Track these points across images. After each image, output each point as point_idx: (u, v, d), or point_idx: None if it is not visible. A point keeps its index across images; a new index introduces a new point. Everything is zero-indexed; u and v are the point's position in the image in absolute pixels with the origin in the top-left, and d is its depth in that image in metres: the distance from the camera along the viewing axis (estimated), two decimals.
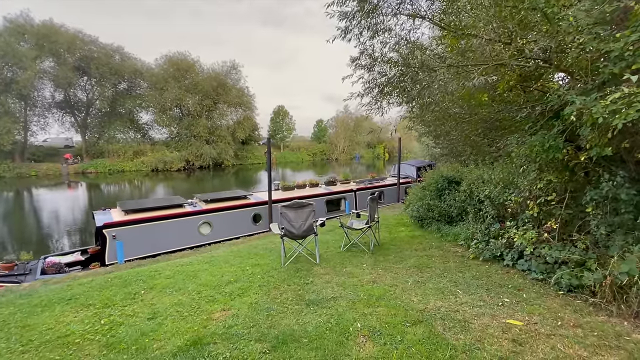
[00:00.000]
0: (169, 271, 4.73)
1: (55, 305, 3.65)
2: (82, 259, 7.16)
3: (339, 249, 5.54)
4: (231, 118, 36.68)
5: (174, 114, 33.69)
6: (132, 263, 6.38)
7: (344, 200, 10.79)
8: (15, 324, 3.23)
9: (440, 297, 3.45)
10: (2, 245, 10.76)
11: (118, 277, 4.63)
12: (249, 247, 6.26)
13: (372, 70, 5.16)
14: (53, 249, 9.92)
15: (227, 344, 2.68)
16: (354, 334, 2.75)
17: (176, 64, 32.56)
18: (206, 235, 7.94)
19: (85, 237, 11.16)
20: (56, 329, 3.09)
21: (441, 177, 6.94)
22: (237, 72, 36.29)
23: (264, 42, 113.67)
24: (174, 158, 31.12)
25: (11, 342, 2.88)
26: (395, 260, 4.82)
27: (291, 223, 4.77)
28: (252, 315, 3.17)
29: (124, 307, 3.52)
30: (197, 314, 3.27)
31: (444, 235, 6.05)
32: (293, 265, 4.69)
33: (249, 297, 3.62)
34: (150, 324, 3.09)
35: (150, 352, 2.63)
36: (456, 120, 6.23)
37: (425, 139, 14.63)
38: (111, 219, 6.88)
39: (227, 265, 4.87)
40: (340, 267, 4.56)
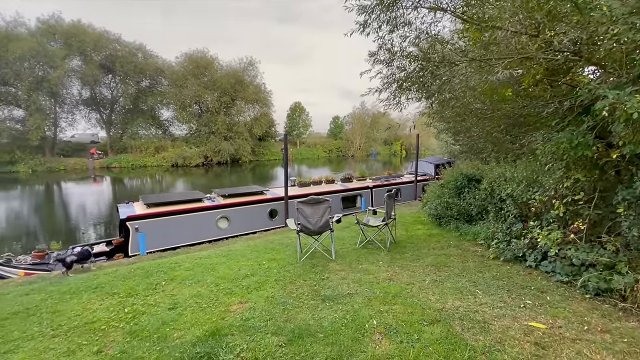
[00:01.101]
0: (188, 263, 4.85)
1: (83, 293, 3.82)
2: (107, 250, 7.46)
3: (354, 245, 5.52)
4: (248, 114, 37.10)
5: (194, 111, 34.39)
6: (154, 255, 6.60)
7: (360, 197, 10.72)
8: (46, 310, 3.41)
9: (459, 297, 3.38)
10: (34, 236, 11.37)
11: (140, 268, 4.79)
12: (266, 242, 6.33)
13: (390, 65, 5.07)
14: (80, 240, 10.39)
15: (244, 336, 2.73)
16: (370, 331, 2.74)
17: (195, 61, 33.16)
18: (224, 230, 8.10)
19: (110, 229, 11.63)
20: (83, 315, 3.24)
21: (460, 175, 6.78)
22: (254, 69, 36.61)
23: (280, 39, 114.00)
24: (193, 154, 31.81)
25: (43, 326, 3.04)
26: (412, 259, 4.76)
27: (307, 219, 4.78)
28: (268, 308, 3.22)
29: (146, 297, 3.65)
30: (215, 305, 3.34)
31: (463, 234, 5.91)
32: (309, 260, 4.71)
33: (265, 290, 3.67)
34: (170, 314, 3.18)
35: (171, 341, 2.71)
36: (477, 116, 6.03)
37: (444, 135, 14.31)
38: (134, 212, 7.13)
39: (244, 259, 4.95)
40: (356, 264, 4.54)
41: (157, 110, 34.11)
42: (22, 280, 5.08)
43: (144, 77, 31.96)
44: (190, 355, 2.45)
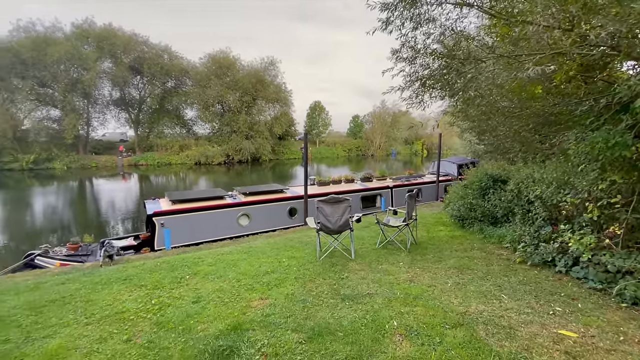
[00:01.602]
0: (211, 259, 4.99)
1: (113, 284, 4.02)
2: (135, 244, 7.79)
3: (374, 245, 5.47)
4: (269, 114, 37.59)
5: (216, 110, 35.23)
6: (178, 249, 6.83)
7: (379, 196, 10.62)
8: (80, 299, 3.61)
9: (483, 301, 3.28)
10: (68, 229, 12.06)
11: (166, 262, 4.97)
12: (285, 239, 6.40)
13: (413, 62, 4.97)
14: (110, 234, 10.92)
15: (265, 331, 2.78)
16: (390, 332, 2.71)
17: (218, 61, 33.95)
18: (244, 227, 8.26)
19: (137, 223, 12.13)
20: (114, 305, 3.41)
21: (485, 175, 6.56)
22: (274, 68, 37.05)
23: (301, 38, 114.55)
24: (215, 152, 32.60)
25: (77, 314, 3.22)
26: (434, 260, 4.66)
27: (327, 218, 4.79)
28: (288, 305, 3.25)
29: (172, 290, 3.78)
30: (237, 300, 3.42)
31: (487, 236, 5.73)
32: (328, 259, 4.72)
33: (285, 288, 3.72)
34: (194, 307, 3.29)
35: (195, 333, 2.80)
36: (504, 114, 5.82)
37: (467, 135, 13.90)
38: (160, 208, 7.40)
39: (265, 256, 5.02)
40: (376, 264, 4.50)
41: (181, 110, 35.24)
42: (58, 271, 5.40)
43: (169, 78, 33.07)
44: (214, 348, 2.52)
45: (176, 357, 2.47)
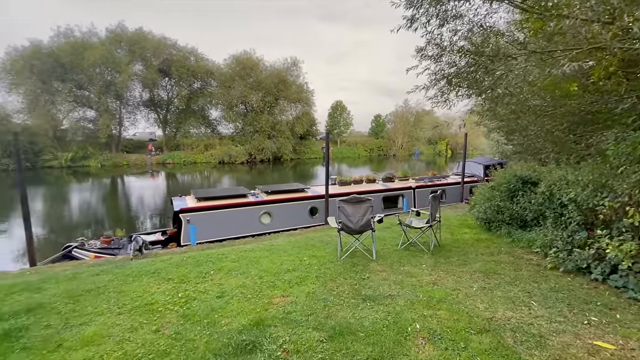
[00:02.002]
0: (234, 255, 5.11)
1: (143, 277, 4.20)
2: (162, 239, 8.11)
3: (396, 247, 5.40)
4: (290, 113, 37.92)
5: (240, 110, 35.98)
6: (203, 246, 7.04)
7: (401, 197, 10.45)
8: (113, 289, 3.81)
9: (511, 307, 3.16)
10: (101, 223, 12.74)
11: (191, 257, 5.14)
12: (306, 238, 6.44)
13: (439, 60, 4.87)
14: (139, 229, 11.43)
15: (287, 328, 2.82)
16: (413, 335, 2.67)
17: (242, 62, 34.63)
18: (266, 225, 8.38)
19: (164, 219, 12.62)
20: (144, 297, 3.57)
21: (514, 177, 6.30)
22: (297, 69, 37.32)
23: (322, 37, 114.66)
24: (239, 152, 33.30)
25: (110, 304, 3.40)
26: (458, 263, 4.53)
27: (349, 217, 4.78)
28: (309, 304, 3.28)
29: (197, 284, 3.91)
30: (259, 297, 3.48)
31: (516, 240, 5.50)
32: (349, 259, 4.71)
33: (306, 286, 3.74)
34: (219, 302, 3.38)
35: (219, 326, 2.88)
36: (536, 113, 5.57)
37: (495, 135, 13.40)
38: (186, 205, 7.66)
39: (286, 254, 5.08)
40: (398, 266, 4.44)
41: (206, 110, 36.28)
42: (92, 262, 5.72)
43: (195, 79, 34.14)
44: (237, 342, 2.59)
45: (202, 349, 2.55)
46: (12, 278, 4.69)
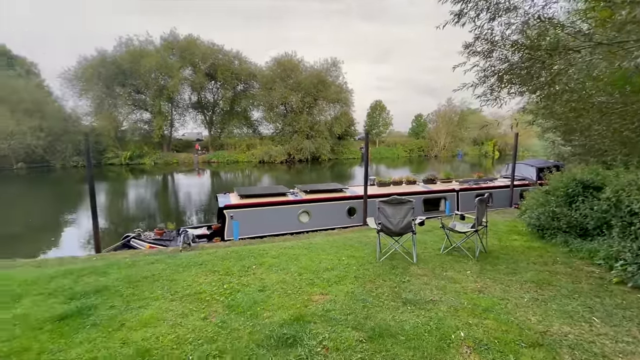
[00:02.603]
0: (274, 252, 5.27)
1: (192, 268, 4.50)
2: (208, 233, 8.60)
3: (438, 251, 5.21)
4: (329, 114, 38.09)
5: (280, 111, 36.93)
6: (244, 241, 7.35)
7: (444, 200, 10.04)
8: (166, 278, 4.12)
9: (568, 322, 2.91)
10: (153, 216, 13.82)
11: (234, 251, 5.40)
12: (344, 238, 6.45)
13: (489, 56, 4.60)
14: (186, 222, 12.22)
15: (326, 325, 2.85)
16: (457, 342, 2.57)
17: (283, 64, 35.47)
18: (304, 224, 8.52)
19: (208, 215, 13.36)
20: (193, 286, 3.82)
21: (573, 181, 5.76)
22: (336, 69, 37.37)
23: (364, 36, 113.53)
24: (278, 151, 34.19)
25: (164, 290, 3.69)
26: (507, 272, 4.26)
27: (389, 219, 4.70)
28: (348, 303, 3.29)
29: (240, 277, 4.10)
30: (298, 293, 3.57)
31: (574, 250, 5.03)
32: (388, 261, 4.64)
33: (345, 285, 3.76)
34: (260, 295, 3.52)
35: (262, 319, 3.00)
36: (601, 111, 5.05)
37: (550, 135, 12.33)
38: (230, 202, 8.04)
39: (325, 253, 5.13)
40: (440, 271, 4.29)
41: (249, 112, 37.75)
42: (147, 252, 6.23)
43: (239, 81, 35.67)
44: (278, 335, 2.68)
45: (245, 339, 2.68)
46: (81, 262, 5.28)
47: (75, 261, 5.56)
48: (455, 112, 44.73)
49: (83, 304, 3.30)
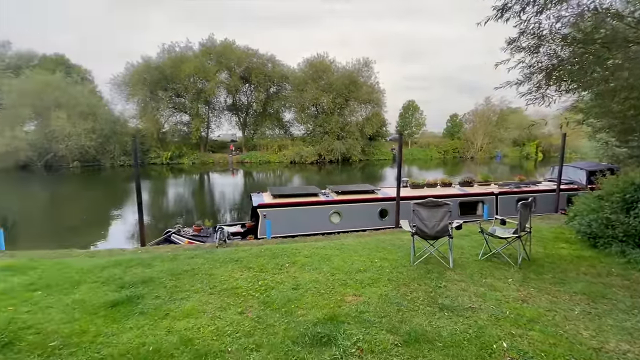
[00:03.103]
0: (306, 251, 5.33)
1: (228, 264, 4.67)
2: (242, 231, 8.88)
3: (476, 257, 4.98)
4: (360, 114, 37.83)
5: (311, 112, 37.28)
6: (277, 240, 7.50)
7: (481, 204, 9.58)
8: (204, 272, 4.32)
9: (627, 339, 2.66)
10: (190, 213, 14.52)
11: (268, 249, 5.53)
12: (376, 240, 6.37)
13: (536, 52, 4.33)
14: (220, 220, 12.71)
15: (360, 327, 2.84)
16: (499, 353, 2.45)
17: (315, 66, 35.75)
18: (335, 224, 8.53)
19: (240, 213, 13.80)
20: (229, 281, 3.97)
21: (631, 185, 5.26)
22: (368, 69, 37.02)
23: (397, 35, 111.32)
24: (309, 152, 34.53)
25: (204, 284, 3.87)
26: (554, 282, 3.98)
27: (424, 222, 4.58)
28: (382, 306, 3.25)
29: (274, 275, 4.19)
30: (331, 293, 3.58)
31: (633, 261, 4.59)
32: (423, 265, 4.52)
33: (378, 288, 3.72)
34: (294, 293, 3.58)
35: (296, 317, 3.05)
36: None
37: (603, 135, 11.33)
38: (263, 201, 8.26)
39: (357, 254, 5.10)
40: (479, 277, 4.10)
41: (280, 113, 38.52)
42: (186, 247, 6.56)
43: (272, 84, 36.52)
44: (313, 333, 2.71)
45: (280, 335, 2.74)
46: (129, 254, 5.68)
47: (123, 253, 5.99)
48: (494, 112, 42.57)
49: (132, 292, 3.55)
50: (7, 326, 2.85)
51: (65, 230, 11.62)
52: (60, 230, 11.58)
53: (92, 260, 5.24)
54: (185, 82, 32.35)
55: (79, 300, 3.39)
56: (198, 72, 32.11)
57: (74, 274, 4.22)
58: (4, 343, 2.58)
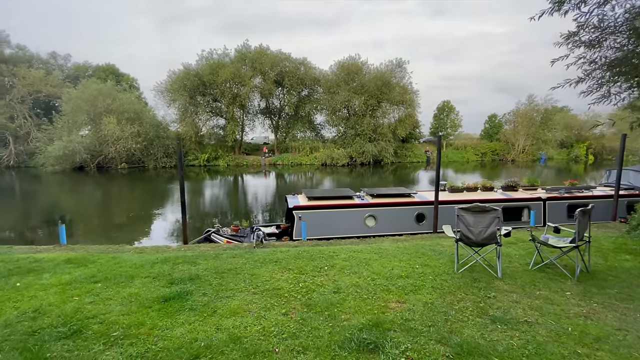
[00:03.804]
0: (344, 255, 5.29)
1: (268, 264, 4.76)
2: (277, 232, 9.04)
3: (526, 266, 4.67)
4: (393, 116, 37.18)
5: (342, 114, 37.23)
6: (312, 242, 7.53)
7: (527, 210, 8.99)
8: (246, 272, 4.43)
9: None
10: (225, 214, 15.02)
11: (306, 251, 5.56)
12: (415, 245, 6.18)
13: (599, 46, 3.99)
14: (254, 221, 13.02)
15: (407, 335, 2.76)
16: None
17: (347, 68, 35.69)
18: (370, 228, 8.41)
19: (272, 214, 14.05)
20: (271, 282, 4.03)
21: None
22: (401, 70, 36.32)
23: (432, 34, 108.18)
24: (340, 154, 34.47)
25: (247, 284, 3.97)
26: (620, 297, 3.62)
27: (469, 228, 4.37)
28: (428, 314, 3.13)
29: (314, 277, 4.20)
30: (374, 299, 3.52)
31: None
32: (468, 273, 4.31)
33: (422, 295, 3.59)
34: (336, 297, 3.55)
35: (339, 321, 3.03)
36: None
37: None
38: (298, 203, 8.34)
39: (396, 260, 4.98)
40: (531, 289, 3.83)
41: (312, 115, 38.84)
42: (226, 246, 6.78)
43: (304, 87, 36.96)
44: (359, 339, 2.67)
45: (326, 338, 2.72)
46: (174, 252, 5.97)
47: (169, 250, 6.31)
48: (537, 111, 39.97)
49: (181, 289, 3.72)
50: (74, 314, 3.11)
51: (113, 226, 12.52)
52: (109, 227, 12.48)
53: (142, 256, 5.57)
54: (222, 87, 33.66)
55: (135, 294, 3.62)
56: (234, 77, 33.26)
57: (128, 269, 4.51)
58: (73, 331, 2.80)
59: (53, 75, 34.63)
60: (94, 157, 29.98)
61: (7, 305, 3.35)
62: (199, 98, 34.58)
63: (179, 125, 35.19)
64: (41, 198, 19.53)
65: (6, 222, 13.42)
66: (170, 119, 35.39)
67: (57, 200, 18.99)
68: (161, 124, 34.22)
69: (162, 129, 33.56)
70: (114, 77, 37.27)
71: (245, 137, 39.22)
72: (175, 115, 35.11)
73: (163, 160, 32.24)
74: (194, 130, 34.29)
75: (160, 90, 34.45)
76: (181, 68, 34.29)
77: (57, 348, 2.58)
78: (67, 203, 17.86)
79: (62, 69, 38.97)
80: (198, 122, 35.78)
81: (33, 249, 6.34)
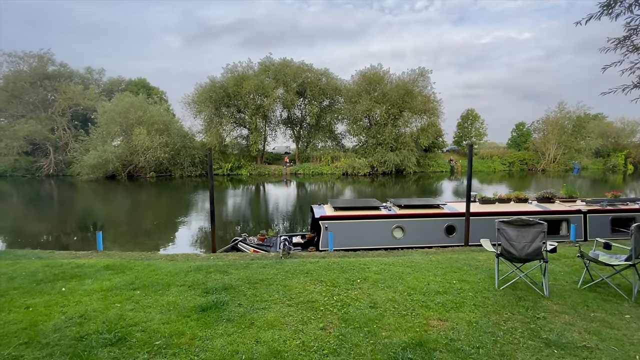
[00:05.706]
0: (375, 267, 5.16)
1: (299, 275, 4.71)
2: (302, 242, 9.00)
3: (574, 284, 4.36)
4: (415, 125, 36.71)
5: (363, 124, 37.18)
6: (339, 253, 7.40)
7: (566, 223, 8.49)
8: (279, 283, 4.39)
9: None
10: (247, 223, 15.17)
11: (335, 263, 5.48)
12: (448, 259, 5.95)
13: None
14: (277, 229, 13.06)
15: (454, 357, 2.61)
16: None
17: (368, 78, 35.78)
18: (398, 239, 8.21)
19: (294, 224, 14.04)
20: (304, 294, 3.98)
21: None
22: (424, 79, 35.95)
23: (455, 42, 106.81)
24: (362, 164, 34.30)
25: (280, 295, 3.93)
26: None
27: (511, 242, 4.15)
28: (474, 334, 2.96)
29: (347, 291, 4.11)
30: (413, 315, 3.38)
31: None
32: (511, 291, 4.07)
33: (464, 313, 3.42)
34: (373, 312, 3.44)
35: (380, 338, 2.92)
36: None
37: None
38: (325, 213, 8.29)
39: (431, 274, 4.80)
40: (585, 310, 3.56)
41: (333, 125, 39.04)
42: (254, 256, 6.80)
43: (325, 97, 37.33)
44: (403, 358, 2.55)
45: (368, 356, 2.63)
46: (205, 260, 6.05)
47: (198, 258, 6.40)
48: (569, 119, 38.23)
49: (217, 298, 3.73)
50: (118, 321, 3.18)
51: (142, 233, 12.94)
52: (138, 233, 12.92)
53: (174, 264, 5.68)
54: (246, 99, 34.58)
55: (172, 302, 3.66)
56: (257, 89, 34.13)
57: (163, 276, 4.60)
58: (118, 338, 2.86)
59: (90, 89, 36.88)
60: (125, 166, 31.39)
61: (55, 310, 3.48)
62: (224, 109, 35.66)
63: (204, 135, 36.34)
64: (77, 205, 20.59)
65: (46, 228, 14.22)
66: (196, 130, 36.74)
67: (91, 207, 19.95)
68: (187, 135, 35.48)
69: (188, 139, 34.78)
70: (145, 90, 39.18)
71: (267, 146, 39.94)
72: (201, 125, 36.39)
73: (189, 170, 33.30)
74: (218, 140, 35.28)
75: (187, 102, 35.85)
76: (207, 81, 35.63)
77: (104, 355, 2.63)
78: (99, 210, 18.71)
79: (97, 83, 41.44)
80: (222, 133, 36.82)
81: (73, 254, 6.63)
